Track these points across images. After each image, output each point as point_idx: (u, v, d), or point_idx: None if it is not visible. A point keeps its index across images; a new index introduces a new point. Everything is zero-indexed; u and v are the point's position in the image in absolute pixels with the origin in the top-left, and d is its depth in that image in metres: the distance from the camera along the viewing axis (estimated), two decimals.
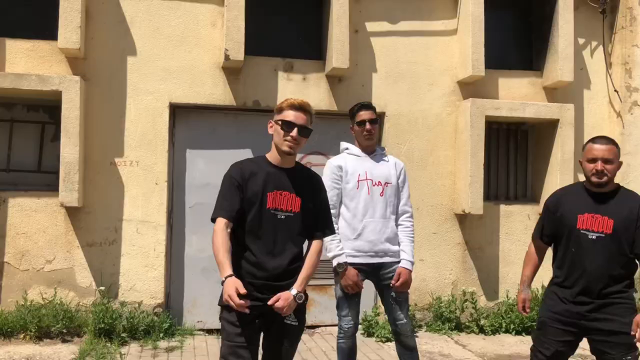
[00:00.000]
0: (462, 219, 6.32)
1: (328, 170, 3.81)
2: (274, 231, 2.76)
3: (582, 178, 6.62)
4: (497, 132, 6.66)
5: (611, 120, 6.69)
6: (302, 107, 2.82)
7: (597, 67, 6.73)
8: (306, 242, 2.92)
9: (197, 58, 5.82)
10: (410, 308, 5.97)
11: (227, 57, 5.59)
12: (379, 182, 3.75)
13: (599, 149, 3.11)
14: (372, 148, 3.87)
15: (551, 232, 3.35)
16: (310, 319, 6.03)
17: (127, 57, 5.70)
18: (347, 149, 3.93)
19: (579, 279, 3.16)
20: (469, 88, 6.37)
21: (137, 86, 5.69)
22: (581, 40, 6.67)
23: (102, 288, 5.45)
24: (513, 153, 6.73)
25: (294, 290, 2.74)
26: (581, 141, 6.57)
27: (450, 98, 6.36)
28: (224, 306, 2.71)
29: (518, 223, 6.45)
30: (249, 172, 2.77)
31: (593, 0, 6.62)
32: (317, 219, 2.91)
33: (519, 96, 6.51)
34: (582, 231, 3.14)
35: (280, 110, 2.84)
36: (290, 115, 2.78)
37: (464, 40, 6.24)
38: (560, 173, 6.25)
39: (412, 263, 3.77)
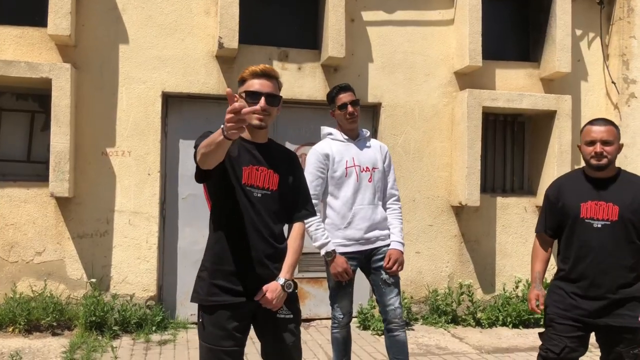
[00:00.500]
0: (459, 211, 6.25)
1: (313, 157, 3.60)
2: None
3: None
4: (494, 123, 6.60)
5: (608, 112, 6.64)
6: (266, 74, 2.50)
7: (595, 58, 6.69)
8: (286, 227, 2.67)
9: (191, 46, 5.72)
10: (406, 301, 5.96)
11: (221, 46, 5.49)
12: (367, 167, 3.63)
13: (598, 130, 2.96)
14: (356, 132, 3.71)
15: (554, 223, 3.18)
16: (305, 313, 5.95)
17: (119, 45, 5.58)
18: (330, 134, 3.72)
19: (587, 271, 2.99)
20: (466, 79, 6.31)
21: (129, 75, 5.58)
22: (578, 32, 6.61)
23: (93, 280, 5.34)
24: (510, 144, 6.67)
25: (281, 280, 2.49)
26: (578, 133, 6.52)
27: (447, 89, 6.29)
28: (207, 306, 2.45)
29: (515, 215, 6.39)
30: None
31: None
32: (297, 198, 2.64)
33: (515, 87, 6.45)
34: (586, 220, 2.99)
35: (243, 80, 2.54)
36: (254, 84, 2.48)
37: (461, 30, 6.17)
38: (557, 165, 6.20)
39: (403, 244, 3.67)
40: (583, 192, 3.04)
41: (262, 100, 2.46)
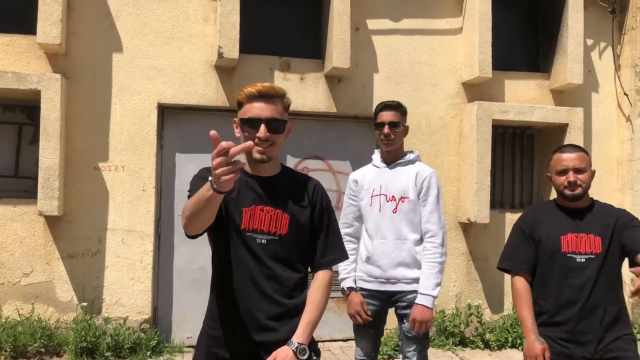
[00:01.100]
0: (467, 227, 6.01)
1: (347, 184, 3.49)
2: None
3: (595, 185, 6.44)
4: (503, 136, 6.36)
5: (620, 124, 6.43)
6: (265, 94, 2.07)
7: (606, 69, 6.47)
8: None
9: (188, 56, 5.44)
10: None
11: (220, 55, 5.22)
12: (393, 196, 3.26)
13: (569, 157, 2.73)
14: (393, 155, 3.34)
15: (531, 260, 2.80)
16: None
17: (112, 54, 5.29)
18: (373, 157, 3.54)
19: (572, 312, 2.67)
20: (474, 90, 6.07)
21: (122, 85, 5.29)
22: (589, 41, 6.39)
23: (85, 304, 5.04)
24: (519, 158, 6.44)
25: (293, 344, 2.02)
26: (589, 147, 6.30)
27: (454, 100, 6.05)
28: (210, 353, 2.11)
29: None
30: None
31: None
32: (320, 241, 2.18)
33: (525, 99, 6.22)
34: (568, 255, 2.69)
35: (240, 104, 2.12)
36: (253, 109, 2.06)
37: (469, 40, 5.92)
38: None
39: (433, 297, 3.12)
40: (561, 224, 2.76)
41: (262, 129, 2.04)
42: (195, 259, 5.48)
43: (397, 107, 3.35)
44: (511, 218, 6.13)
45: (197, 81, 5.43)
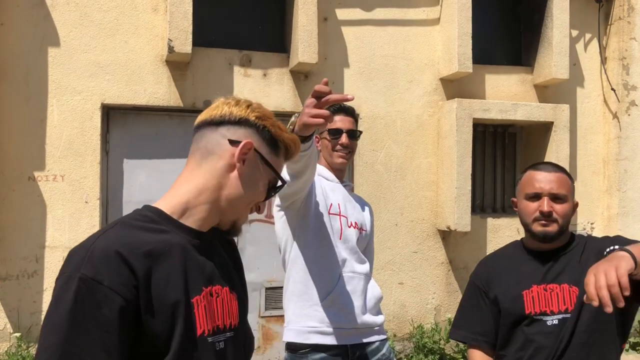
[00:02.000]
0: (446, 235, 5.56)
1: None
2: None
3: (580, 186, 6.08)
4: (483, 135, 5.90)
5: (606, 121, 6.03)
6: None
7: (591, 62, 6.05)
8: None
9: (136, 50, 4.84)
10: (389, 340, 5.26)
11: (171, 49, 4.64)
12: (355, 223, 2.56)
13: (545, 179, 1.98)
14: (343, 175, 2.64)
15: (490, 326, 2.07)
16: (273, 356, 5.18)
17: (48, 49, 4.67)
18: None
19: None
20: (453, 86, 5.60)
21: (60, 84, 4.68)
22: (574, 32, 5.96)
23: (18, 334, 4.45)
24: (500, 158, 5.99)
25: None
26: (574, 146, 5.90)
27: (432, 97, 5.57)
28: None
29: (507, 238, 5.72)
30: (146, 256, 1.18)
31: None
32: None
33: (507, 95, 5.77)
34: (534, 317, 1.95)
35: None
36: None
37: (448, 32, 5.43)
38: None
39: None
40: (524, 274, 2.02)
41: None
42: None
43: (354, 113, 2.64)
44: (493, 224, 5.70)
45: (146, 78, 4.84)
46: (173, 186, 1.31)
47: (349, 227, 2.53)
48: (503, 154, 5.99)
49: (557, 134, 5.60)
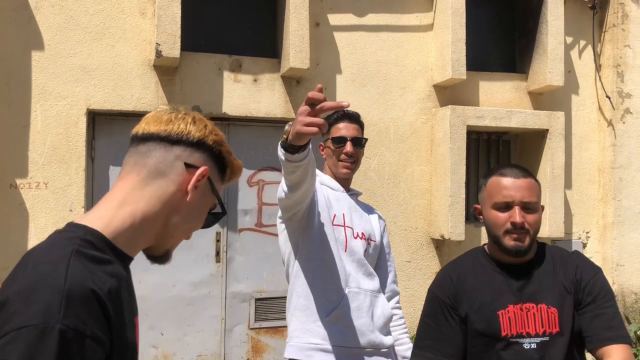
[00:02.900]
0: (439, 244, 5.46)
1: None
2: None
3: (575, 195, 6.02)
4: (477, 142, 5.82)
5: (601, 129, 5.96)
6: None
7: (586, 69, 5.99)
8: None
9: (123, 54, 4.72)
10: None
11: (159, 54, 4.52)
12: (362, 234, 2.42)
13: (514, 185, 1.80)
14: (349, 183, 2.54)
15: (459, 348, 1.85)
16: None
17: (32, 52, 4.54)
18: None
19: None
20: (447, 92, 5.51)
21: (44, 89, 4.55)
22: (569, 39, 5.90)
23: None
24: (494, 166, 5.90)
25: None
26: (569, 153, 5.82)
27: (425, 104, 5.48)
28: None
29: None
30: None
31: None
32: None
33: (501, 102, 5.69)
34: (511, 340, 1.79)
35: None
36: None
37: (441, 38, 5.35)
38: (549, 191, 5.46)
39: None
40: (497, 292, 1.84)
41: None
42: (135, 287, 4.77)
43: (359, 120, 2.52)
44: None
45: (133, 83, 4.72)
46: (108, 203, 1.10)
47: (355, 238, 2.41)
48: (497, 162, 5.91)
49: (552, 142, 5.53)
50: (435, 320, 1.88)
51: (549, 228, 5.38)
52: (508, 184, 1.80)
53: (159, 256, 1.19)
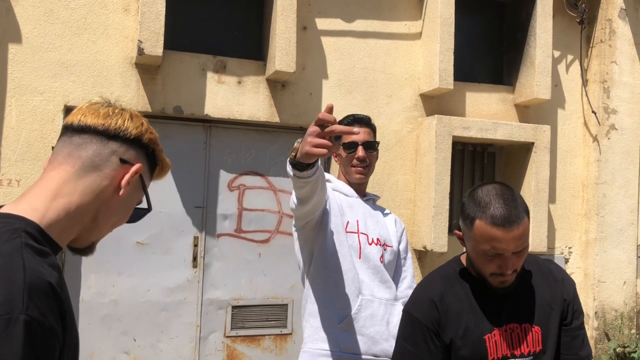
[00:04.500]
0: (422, 255, 5.38)
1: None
2: None
3: (558, 210, 5.98)
4: (462, 154, 5.76)
5: (586, 144, 5.95)
6: None
7: (573, 83, 5.98)
8: None
9: (104, 50, 4.60)
10: None
11: (140, 51, 4.40)
12: (377, 240, 2.40)
13: (507, 237, 1.61)
14: (364, 188, 2.54)
15: None
16: None
17: (9, 45, 4.40)
18: (328, 181, 2.48)
19: None
20: (433, 102, 5.46)
21: (20, 83, 4.40)
22: (556, 54, 5.89)
23: None
24: (479, 178, 5.86)
25: None
26: (554, 168, 5.79)
27: (411, 113, 5.42)
28: None
29: None
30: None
31: (571, 8, 5.85)
32: None
33: (487, 114, 5.65)
34: None
35: None
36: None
37: (429, 47, 5.30)
38: (533, 204, 5.42)
39: None
40: (482, 314, 1.77)
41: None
42: (106, 290, 4.63)
43: (370, 123, 2.50)
44: None
45: (113, 80, 4.60)
46: (41, 193, 1.09)
47: (370, 244, 2.39)
48: (482, 174, 5.86)
49: (538, 155, 5.49)
50: (414, 346, 1.77)
51: (532, 242, 5.34)
52: (499, 236, 1.61)
53: (83, 248, 1.20)
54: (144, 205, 1.25)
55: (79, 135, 1.14)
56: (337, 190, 2.46)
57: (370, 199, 2.55)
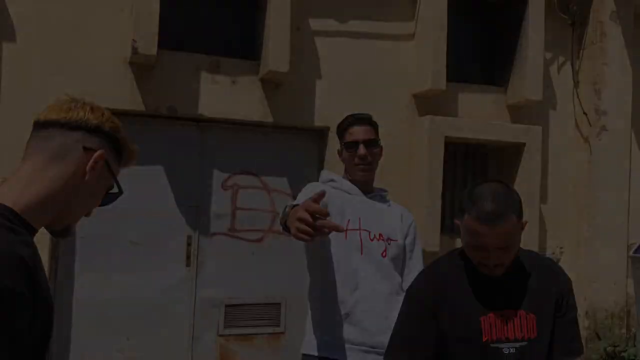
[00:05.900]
0: None
1: (307, 191, 2.46)
2: None
3: (550, 210, 6.01)
4: (454, 155, 5.80)
5: (578, 145, 5.99)
6: None
7: (564, 85, 6.03)
8: None
9: (98, 50, 4.60)
10: None
11: (135, 51, 4.42)
12: (380, 235, 2.46)
13: (492, 233, 1.72)
14: (370, 185, 2.62)
15: (430, 353, 1.86)
16: None
17: (3, 44, 4.40)
18: (332, 180, 2.59)
19: None
20: (426, 103, 5.49)
21: (12, 82, 4.40)
22: (548, 55, 5.93)
23: None
24: (471, 179, 5.89)
25: None
26: (545, 169, 5.84)
27: (404, 114, 5.45)
28: None
29: None
30: None
31: (562, 10, 5.90)
32: None
33: (479, 115, 5.68)
34: (492, 345, 1.83)
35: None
36: None
37: (422, 47, 5.34)
38: (525, 205, 5.41)
39: None
40: (478, 297, 1.87)
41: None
42: (99, 289, 4.63)
43: (371, 121, 2.62)
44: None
45: (107, 80, 4.60)
46: (15, 182, 1.22)
47: (372, 240, 2.45)
48: (474, 175, 5.90)
49: (529, 156, 5.54)
50: (408, 323, 1.90)
51: (524, 242, 5.33)
52: (482, 231, 1.73)
53: (60, 230, 1.31)
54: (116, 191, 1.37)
55: (45, 130, 1.26)
56: (339, 188, 2.53)
57: (376, 195, 2.63)
